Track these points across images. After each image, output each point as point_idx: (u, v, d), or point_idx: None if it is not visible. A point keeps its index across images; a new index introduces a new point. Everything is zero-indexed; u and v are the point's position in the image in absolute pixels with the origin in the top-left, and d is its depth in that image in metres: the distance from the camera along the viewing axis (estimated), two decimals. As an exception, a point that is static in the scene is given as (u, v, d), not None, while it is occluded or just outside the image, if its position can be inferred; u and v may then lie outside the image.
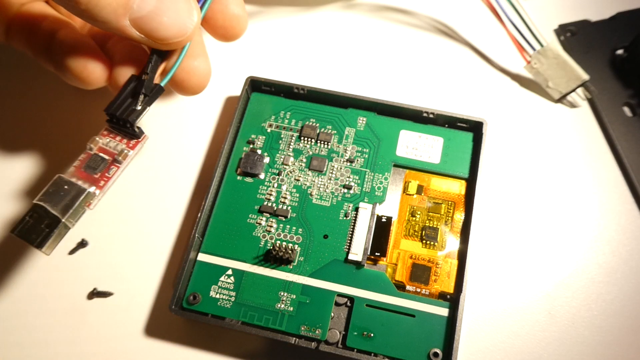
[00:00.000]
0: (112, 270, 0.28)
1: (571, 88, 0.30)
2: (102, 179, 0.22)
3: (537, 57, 0.29)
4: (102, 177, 0.22)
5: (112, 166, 0.23)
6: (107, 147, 0.23)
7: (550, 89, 0.30)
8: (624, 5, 0.33)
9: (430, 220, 0.27)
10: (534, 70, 0.30)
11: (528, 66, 0.30)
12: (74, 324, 0.27)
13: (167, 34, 0.21)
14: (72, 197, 0.21)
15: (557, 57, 0.29)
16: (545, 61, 0.29)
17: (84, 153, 0.23)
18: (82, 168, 0.22)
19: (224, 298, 0.25)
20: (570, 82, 0.29)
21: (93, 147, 0.23)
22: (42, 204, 0.21)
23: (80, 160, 0.23)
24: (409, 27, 0.34)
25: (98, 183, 0.22)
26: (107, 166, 0.23)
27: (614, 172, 0.29)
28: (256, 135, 0.29)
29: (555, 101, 0.31)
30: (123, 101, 0.23)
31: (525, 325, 0.26)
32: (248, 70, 0.33)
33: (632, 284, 0.27)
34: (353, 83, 0.32)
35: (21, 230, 0.21)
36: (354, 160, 0.28)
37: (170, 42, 0.22)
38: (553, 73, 0.30)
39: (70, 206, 0.21)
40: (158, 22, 0.21)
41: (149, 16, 0.21)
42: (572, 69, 0.29)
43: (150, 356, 0.26)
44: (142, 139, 0.24)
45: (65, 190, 0.21)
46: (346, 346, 0.24)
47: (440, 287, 0.25)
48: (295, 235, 0.27)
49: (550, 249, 0.28)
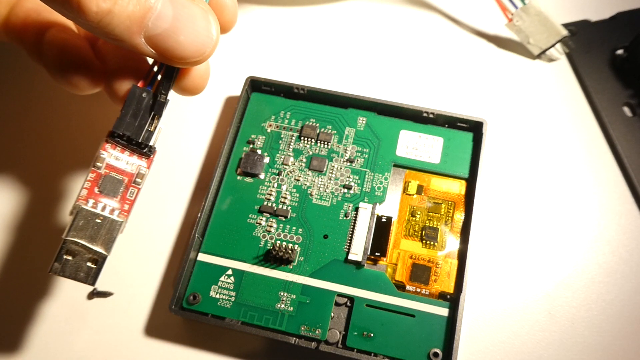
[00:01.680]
0: (112, 270, 0.28)
1: (551, 43, 0.31)
2: (125, 202, 0.21)
3: (519, 15, 0.31)
4: (123, 201, 0.21)
5: (132, 187, 0.22)
6: (116, 165, 0.21)
7: (531, 45, 0.32)
8: (624, 5, 0.33)
9: (430, 220, 0.27)
10: (516, 28, 0.31)
11: (510, 24, 0.31)
12: (74, 324, 0.27)
13: (185, 54, 0.20)
14: (108, 230, 0.21)
15: (539, 14, 0.30)
16: (527, 18, 0.30)
17: (90, 171, 0.21)
18: (96, 189, 0.21)
19: (224, 298, 0.25)
20: (550, 37, 0.31)
21: (101, 166, 0.21)
22: (80, 241, 0.20)
23: (90, 181, 0.21)
24: (409, 27, 0.34)
25: (122, 208, 0.21)
26: (125, 188, 0.21)
27: (614, 172, 0.29)
28: (256, 135, 0.29)
29: (534, 57, 0.32)
30: (132, 118, 0.21)
31: (525, 325, 0.26)
32: (248, 70, 0.33)
33: (632, 284, 0.27)
34: (353, 83, 0.32)
35: (64, 270, 0.20)
36: (354, 160, 0.28)
37: (187, 62, 0.21)
38: (534, 30, 0.31)
39: (110, 240, 0.21)
40: (175, 41, 0.20)
41: (165, 34, 0.19)
42: (553, 25, 0.30)
43: (150, 356, 0.26)
44: (154, 155, 0.22)
45: (96, 223, 0.20)
46: (346, 346, 0.24)
47: (440, 287, 0.25)
48: (295, 235, 0.27)
49: (550, 249, 0.28)
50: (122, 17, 0.18)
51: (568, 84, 0.32)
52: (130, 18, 0.19)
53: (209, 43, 0.20)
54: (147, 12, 0.19)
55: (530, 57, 0.32)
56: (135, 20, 0.19)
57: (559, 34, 0.31)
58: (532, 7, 0.30)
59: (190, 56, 0.20)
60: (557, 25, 0.30)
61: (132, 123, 0.21)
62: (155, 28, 0.19)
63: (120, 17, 0.18)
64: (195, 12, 0.20)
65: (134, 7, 0.19)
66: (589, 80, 0.31)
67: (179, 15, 0.20)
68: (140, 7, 0.19)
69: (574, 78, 0.32)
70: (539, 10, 0.30)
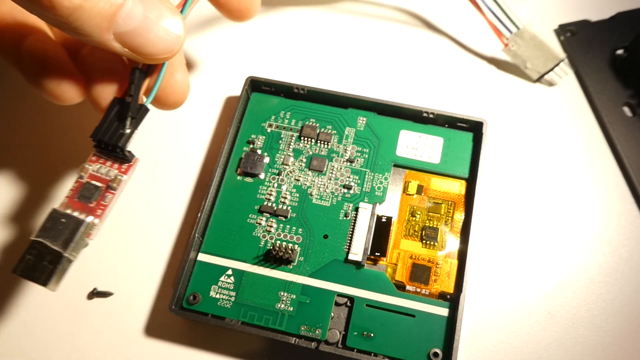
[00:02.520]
0: (112, 270, 0.28)
1: (549, 68, 0.31)
2: (99, 207, 0.22)
3: (514, 40, 0.30)
4: (98, 206, 0.22)
5: (107, 193, 0.22)
6: (98, 174, 0.22)
7: (529, 70, 0.31)
8: (624, 5, 0.33)
9: (430, 220, 0.27)
10: (512, 53, 0.31)
11: (506, 49, 0.31)
12: (74, 324, 0.27)
13: (154, 50, 0.21)
14: (72, 230, 0.21)
15: (534, 38, 0.30)
16: (522, 43, 0.30)
17: (75, 182, 0.22)
18: (75, 198, 0.22)
19: (224, 298, 0.25)
20: (548, 61, 0.30)
21: (84, 175, 0.22)
22: (41, 240, 0.20)
23: (72, 190, 0.22)
24: (409, 27, 0.34)
25: (95, 212, 0.22)
26: (101, 194, 0.22)
27: (614, 172, 0.29)
28: (256, 135, 0.29)
29: (533, 81, 0.32)
30: (109, 125, 0.22)
31: (525, 325, 0.26)
32: (248, 70, 0.33)
33: (632, 284, 0.27)
34: (353, 83, 0.32)
35: (24, 270, 0.20)
36: (354, 160, 0.28)
37: (156, 58, 0.21)
38: (531, 54, 0.30)
39: (70, 240, 0.21)
40: (144, 38, 0.20)
41: (135, 32, 0.20)
42: (549, 49, 0.30)
43: (150, 356, 0.26)
44: (134, 163, 0.23)
45: (62, 223, 0.21)
46: (346, 346, 0.24)
47: (440, 287, 0.25)
48: (295, 235, 0.27)
49: (550, 249, 0.28)
50: (92, 13, 0.19)
51: (568, 84, 0.32)
52: (100, 14, 0.19)
53: (177, 41, 0.21)
54: (117, 10, 0.19)
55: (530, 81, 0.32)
56: (105, 17, 0.19)
57: (556, 58, 0.30)
58: (526, 31, 0.30)
59: (159, 53, 0.21)
60: (554, 49, 0.30)
61: (109, 129, 0.22)
62: (125, 25, 0.20)
63: (90, 13, 0.19)
64: (164, 12, 0.21)
65: (104, 3, 0.19)
66: (589, 80, 0.31)
67: (149, 14, 0.20)
68: (111, 4, 0.19)
69: (574, 78, 0.32)
70: (534, 34, 0.30)
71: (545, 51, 0.30)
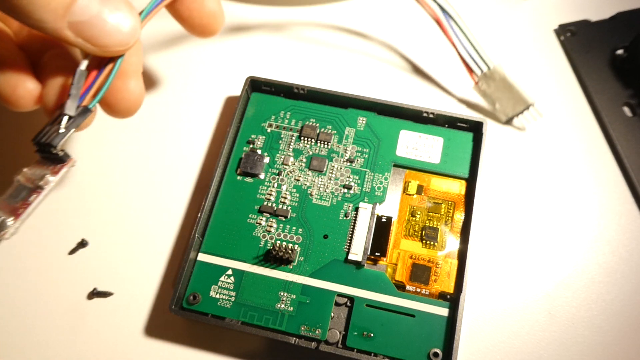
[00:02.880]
0: (112, 270, 0.28)
1: (517, 111, 0.29)
2: (22, 207, 0.21)
3: (484, 79, 0.29)
4: (21, 206, 0.21)
5: (34, 193, 0.22)
6: (33, 177, 0.22)
7: (497, 111, 0.30)
8: (624, 5, 0.33)
9: (430, 220, 0.27)
10: (482, 92, 0.30)
11: (476, 87, 0.30)
12: (74, 324, 0.27)
13: (108, 42, 0.21)
14: None
15: (503, 80, 0.29)
16: (492, 83, 0.29)
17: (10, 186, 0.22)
18: (4, 199, 0.22)
19: (224, 298, 0.25)
20: (517, 105, 0.29)
21: (20, 179, 0.22)
22: None
23: (5, 193, 0.22)
24: (409, 27, 0.34)
25: (17, 212, 0.21)
26: (28, 194, 0.22)
27: (614, 172, 0.29)
28: (256, 135, 0.29)
29: (503, 124, 0.30)
30: (50, 128, 0.21)
31: (525, 325, 0.26)
32: (248, 70, 0.33)
33: (632, 284, 0.27)
34: (353, 83, 0.32)
35: None
36: (354, 160, 0.28)
37: (110, 50, 0.21)
38: (500, 95, 0.29)
39: None
40: (99, 29, 0.20)
41: (91, 22, 0.20)
42: (518, 93, 0.29)
43: (150, 356, 0.26)
44: (68, 163, 0.22)
45: None
46: (346, 346, 0.24)
47: (440, 287, 0.25)
48: (295, 235, 0.27)
49: (550, 249, 0.28)
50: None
51: (568, 84, 0.32)
52: (55, 1, 0.19)
53: (131, 34, 0.21)
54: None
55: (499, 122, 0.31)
56: (61, 4, 0.19)
57: (524, 103, 0.29)
58: (497, 72, 0.29)
59: (113, 45, 0.21)
60: (524, 93, 0.29)
61: (49, 132, 0.22)
62: (81, 15, 0.20)
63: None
64: (120, 5, 0.21)
65: None
66: (589, 80, 0.31)
67: (106, 5, 0.20)
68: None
69: (574, 78, 0.32)
70: (504, 75, 0.29)
71: (515, 94, 0.29)
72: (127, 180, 0.30)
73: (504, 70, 0.29)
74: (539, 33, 0.33)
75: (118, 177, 0.30)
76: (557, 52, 0.33)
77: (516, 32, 0.34)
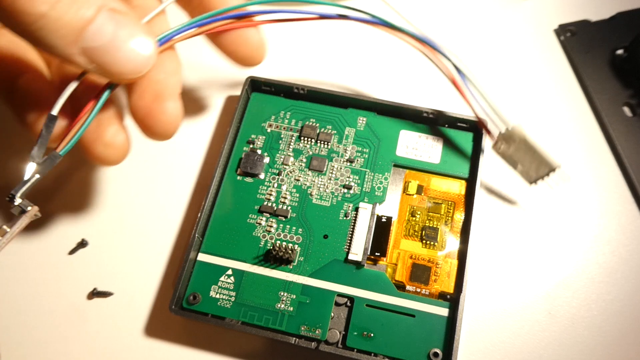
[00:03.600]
0: (112, 270, 0.28)
1: (542, 174, 0.27)
2: None
3: (502, 140, 0.27)
4: None
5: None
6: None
7: (520, 174, 0.28)
8: (624, 5, 0.33)
9: (430, 220, 0.27)
10: (501, 153, 0.27)
11: (495, 147, 0.28)
12: (74, 324, 0.27)
13: (121, 70, 0.20)
14: None
15: (524, 140, 0.26)
16: (512, 144, 0.27)
17: None
18: None
19: (224, 298, 0.25)
20: (541, 167, 0.27)
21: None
22: None
23: None
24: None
25: None
26: None
27: (614, 172, 0.29)
28: (256, 135, 0.29)
29: (530, 184, 0.28)
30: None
31: (525, 325, 0.26)
32: (248, 70, 0.33)
33: (632, 284, 0.27)
34: (353, 83, 0.32)
35: None
36: (354, 160, 0.28)
37: (124, 78, 0.20)
38: (522, 156, 0.27)
39: None
40: (113, 56, 0.19)
41: (104, 48, 0.19)
42: (541, 154, 0.26)
43: (150, 356, 0.26)
44: (28, 212, 0.21)
45: None
46: (346, 346, 0.24)
47: (440, 287, 0.25)
48: (295, 235, 0.27)
49: (550, 248, 0.28)
50: (58, 24, 0.18)
51: (568, 84, 0.32)
52: (67, 26, 0.18)
53: (146, 62, 0.20)
54: (86, 24, 0.19)
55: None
56: (72, 30, 0.18)
57: (549, 166, 0.26)
58: (516, 132, 0.26)
59: (127, 73, 0.20)
60: (547, 154, 0.26)
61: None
62: (93, 41, 0.19)
63: (56, 24, 0.18)
64: (135, 31, 0.20)
65: (72, 15, 0.18)
66: (589, 80, 0.31)
67: (120, 32, 0.19)
68: (80, 17, 0.18)
69: (574, 78, 0.32)
70: (524, 136, 0.26)
71: (537, 156, 0.26)
72: (127, 180, 0.30)
73: (524, 129, 0.26)
74: (539, 33, 0.33)
75: (118, 177, 0.30)
76: (557, 52, 0.33)
77: (516, 32, 0.34)
